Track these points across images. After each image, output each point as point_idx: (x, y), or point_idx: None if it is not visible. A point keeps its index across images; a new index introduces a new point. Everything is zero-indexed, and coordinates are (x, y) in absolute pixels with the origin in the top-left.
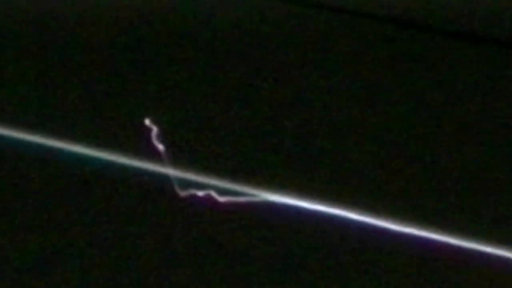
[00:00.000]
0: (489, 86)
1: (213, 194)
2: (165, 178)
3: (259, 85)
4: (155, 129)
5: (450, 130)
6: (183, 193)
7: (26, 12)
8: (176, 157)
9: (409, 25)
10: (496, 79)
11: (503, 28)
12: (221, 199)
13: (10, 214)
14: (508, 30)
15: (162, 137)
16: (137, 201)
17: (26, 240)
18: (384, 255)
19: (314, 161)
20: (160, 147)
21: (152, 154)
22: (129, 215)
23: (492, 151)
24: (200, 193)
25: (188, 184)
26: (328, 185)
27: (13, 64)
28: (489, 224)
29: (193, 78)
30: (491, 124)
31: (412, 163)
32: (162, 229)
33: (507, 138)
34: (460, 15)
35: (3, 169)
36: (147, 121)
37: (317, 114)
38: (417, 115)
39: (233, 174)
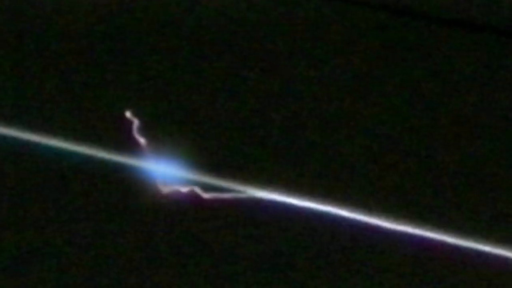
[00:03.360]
0: (488, 77)
1: (197, 190)
2: (147, 173)
3: (245, 75)
4: (136, 122)
5: (446, 123)
6: (165, 189)
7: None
8: (158, 152)
9: (403, 12)
10: (495, 70)
11: (502, 15)
12: (206, 195)
13: None
14: (507, 17)
15: (144, 130)
16: (117, 198)
17: (0, 238)
18: (377, 254)
19: (303, 156)
20: (142, 140)
21: (133, 148)
22: (109, 212)
23: (491, 146)
24: (184, 189)
25: (171, 179)
26: (319, 181)
27: None
28: (487, 222)
29: (177, 68)
30: (490, 117)
31: (406, 158)
32: (143, 227)
33: (507, 131)
34: (456, 1)
35: None
36: (127, 114)
37: (306, 106)
38: (412, 108)
39: (218, 169)
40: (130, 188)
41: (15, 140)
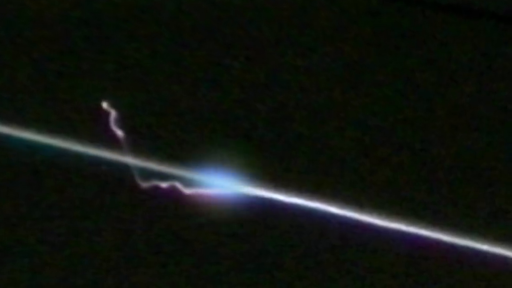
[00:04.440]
0: (486, 65)
1: (178, 185)
2: (125, 167)
3: (229, 64)
4: (113, 113)
5: (442, 115)
6: (144, 185)
7: None
8: (137, 145)
9: None
10: (493, 58)
11: (501, 0)
12: (187, 191)
13: None
14: (505, 2)
15: (122, 122)
16: (93, 193)
17: None
18: (368, 253)
19: (291, 149)
20: (119, 133)
21: (110, 141)
22: (85, 209)
23: (489, 139)
24: (164, 185)
25: (150, 174)
26: (307, 176)
27: None
28: (485, 219)
29: (156, 56)
30: (488, 108)
31: (400, 152)
32: (121, 224)
33: (506, 124)
34: None
35: None
36: (104, 104)
37: (293, 97)
38: (405, 99)
39: (200, 163)
40: (107, 183)
41: None
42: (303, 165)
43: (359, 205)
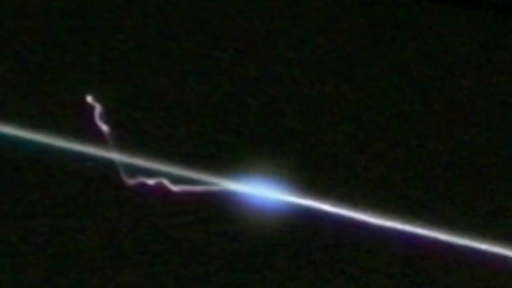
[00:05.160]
0: (485, 58)
1: (165, 182)
2: (110, 164)
3: (218, 56)
4: (98, 108)
5: (439, 109)
6: (130, 181)
7: None
8: (122, 140)
9: None
10: (492, 50)
11: None
12: (174, 188)
13: None
14: None
15: (107, 117)
16: (77, 191)
17: None
18: (362, 252)
19: (281, 145)
20: (104, 128)
21: (94, 136)
22: (68, 207)
23: (488, 134)
24: (150, 181)
25: (137, 170)
26: (298, 172)
27: None
28: (483, 218)
29: (143, 48)
30: (487, 102)
31: (395, 148)
32: (106, 223)
33: (505, 119)
34: None
35: None
36: (89, 98)
37: (284, 90)
38: (401, 92)
39: (188, 159)
40: (91, 180)
41: None
42: (294, 161)
43: (353, 202)
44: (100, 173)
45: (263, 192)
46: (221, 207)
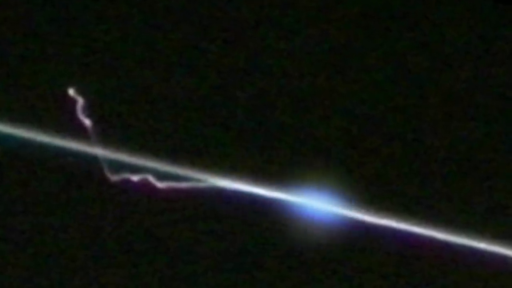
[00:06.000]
0: (484, 49)
1: (150, 178)
2: (93, 159)
3: (205, 48)
4: (80, 101)
5: (436, 103)
6: (114, 177)
7: None
8: (106, 134)
9: None
10: (491, 40)
11: None
12: (160, 184)
13: None
14: None
15: (89, 110)
16: (59, 187)
17: None
18: (356, 251)
19: (271, 140)
20: (87, 122)
21: (77, 131)
22: (49, 204)
23: (486, 129)
24: (135, 178)
25: (121, 166)
26: (288, 168)
27: None
28: (482, 216)
29: (127, 39)
30: (486, 95)
31: (390, 143)
32: (89, 221)
33: (505, 112)
34: None
35: None
36: (71, 91)
37: (274, 82)
38: (397, 85)
39: (174, 154)
40: (74, 176)
41: None
42: (284, 156)
43: (345, 200)
44: (82, 169)
45: (251, 188)
46: (208, 204)
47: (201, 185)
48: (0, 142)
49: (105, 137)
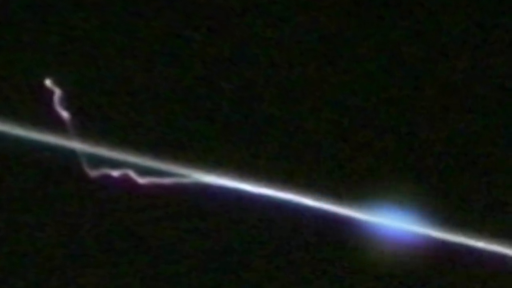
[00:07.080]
0: (482, 38)
1: (131, 174)
2: (71, 153)
3: (189, 37)
4: (58, 92)
5: (432, 94)
6: (93, 173)
7: None
8: (84, 128)
9: None
10: (489, 29)
11: None
12: (141, 180)
13: None
14: None
15: (67, 102)
16: (37, 182)
17: None
18: (348, 250)
19: (257, 133)
20: (65, 114)
21: (54, 124)
22: (25, 200)
23: (485, 122)
24: (115, 173)
25: (100, 161)
26: (276, 163)
27: None
28: (480, 214)
29: (106, 27)
30: (484, 87)
31: (383, 136)
32: (67, 218)
33: (504, 104)
34: None
35: None
36: (48, 82)
37: (261, 73)
38: (390, 75)
39: (156, 149)
40: (51, 171)
41: None
42: (272, 151)
43: (336, 196)
44: (60, 164)
45: (236, 184)
46: (192, 201)
47: (185, 181)
48: None
49: (83, 130)
